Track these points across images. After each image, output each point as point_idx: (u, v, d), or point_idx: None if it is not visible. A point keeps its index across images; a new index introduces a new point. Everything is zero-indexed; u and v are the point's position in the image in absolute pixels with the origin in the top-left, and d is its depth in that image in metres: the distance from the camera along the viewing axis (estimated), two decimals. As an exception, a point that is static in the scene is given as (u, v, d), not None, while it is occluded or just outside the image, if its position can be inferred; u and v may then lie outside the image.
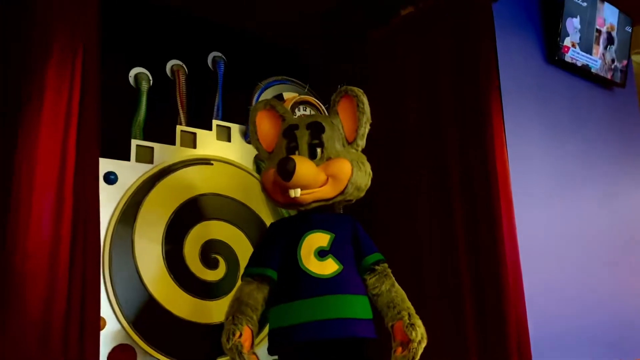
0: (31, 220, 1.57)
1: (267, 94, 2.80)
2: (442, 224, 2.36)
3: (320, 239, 1.84)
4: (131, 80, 2.47)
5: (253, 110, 2.05)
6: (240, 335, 1.68)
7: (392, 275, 1.90)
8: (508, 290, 2.13)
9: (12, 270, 1.54)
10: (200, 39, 2.76)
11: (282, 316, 1.76)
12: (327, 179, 1.86)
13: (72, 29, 1.74)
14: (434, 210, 2.41)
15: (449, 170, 2.39)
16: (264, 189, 1.93)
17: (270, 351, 1.78)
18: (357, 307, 1.81)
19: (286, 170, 1.75)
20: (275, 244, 1.86)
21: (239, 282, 1.85)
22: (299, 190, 1.81)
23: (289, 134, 1.96)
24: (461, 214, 2.32)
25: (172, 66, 2.60)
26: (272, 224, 2.01)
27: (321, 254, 1.81)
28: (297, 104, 2.87)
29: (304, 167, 1.79)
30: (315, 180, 1.84)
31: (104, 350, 1.95)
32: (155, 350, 2.06)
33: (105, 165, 2.12)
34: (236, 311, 1.71)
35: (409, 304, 1.85)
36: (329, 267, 1.80)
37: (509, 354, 2.08)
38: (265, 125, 2.03)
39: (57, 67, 1.69)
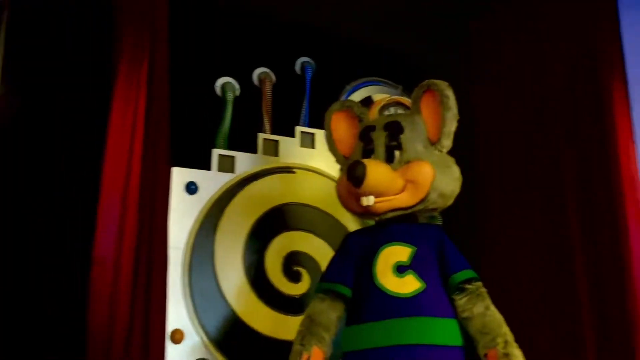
0: (97, 229, 1.59)
1: (355, 97, 2.68)
2: (556, 228, 2.20)
3: (399, 252, 1.67)
4: (217, 90, 2.47)
5: (328, 112, 1.95)
6: (309, 358, 1.58)
7: (487, 295, 1.65)
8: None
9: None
10: (288, 44, 2.72)
11: (355, 339, 1.63)
12: (405, 184, 1.69)
13: (138, 40, 1.76)
14: (545, 215, 2.26)
15: (561, 168, 2.23)
16: (339, 197, 1.80)
17: (343, 377, 1.64)
18: (443, 332, 1.62)
19: (356, 176, 1.61)
20: (350, 258, 1.73)
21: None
22: (372, 198, 1.66)
23: (365, 136, 1.82)
24: (577, 218, 2.14)
25: (260, 74, 2.57)
26: (347, 235, 1.88)
27: (400, 269, 1.64)
28: (387, 106, 2.72)
29: (377, 172, 1.63)
30: (391, 186, 1.67)
31: (183, 364, 1.94)
32: (235, 366, 2.01)
33: (187, 175, 2.12)
34: (306, 331, 1.63)
35: (506, 329, 1.60)
36: (409, 284, 1.63)
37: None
38: (341, 128, 1.93)
39: (125, 78, 1.71)
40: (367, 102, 2.67)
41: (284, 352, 2.08)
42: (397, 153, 1.74)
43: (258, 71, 2.57)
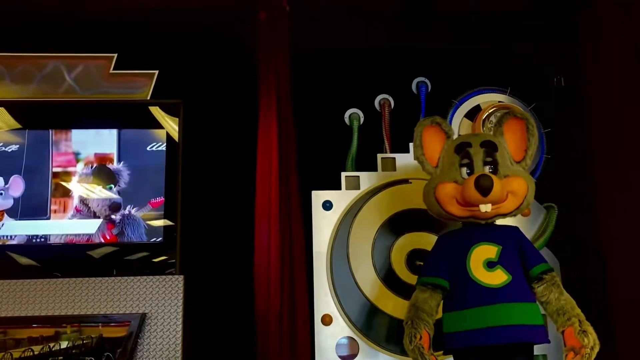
0: (255, 239, 2.27)
1: (465, 108, 2.98)
2: None
3: (488, 251, 2.02)
4: (346, 120, 2.97)
5: (418, 126, 2.22)
6: (420, 337, 1.97)
7: (560, 283, 1.99)
8: None
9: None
10: (402, 68, 3.08)
11: (457, 322, 1.99)
12: (507, 195, 2.03)
13: (268, 87, 2.42)
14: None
15: None
16: (436, 200, 2.09)
17: (446, 352, 2.06)
18: (529, 314, 1.95)
19: (485, 187, 1.93)
20: (445, 255, 2.09)
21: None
22: (489, 205, 2.00)
23: (461, 151, 2.10)
24: None
25: (380, 100, 2.99)
26: (440, 236, 2.22)
27: (490, 265, 2.00)
28: (494, 112, 2.96)
29: (498, 184, 1.97)
30: (502, 196, 2.01)
31: (333, 341, 2.52)
32: (373, 342, 2.53)
33: (323, 196, 2.68)
34: (414, 316, 2.02)
35: (578, 310, 1.92)
36: (498, 277, 1.97)
37: None
38: (429, 140, 2.19)
39: (264, 120, 2.36)
40: (477, 110, 2.99)
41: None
42: (493, 168, 2.06)
43: (379, 98, 3.00)
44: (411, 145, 2.80)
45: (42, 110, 2.89)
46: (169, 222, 2.77)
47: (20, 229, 2.78)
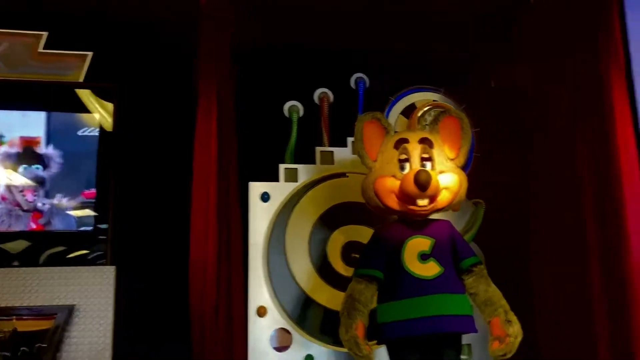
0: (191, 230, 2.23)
1: (401, 106, 3.06)
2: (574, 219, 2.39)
3: (422, 243, 2.10)
4: (286, 112, 2.96)
5: (359, 121, 2.27)
6: (356, 328, 2.02)
7: (487, 276, 2.10)
8: (634, 291, 2.10)
9: None
10: (342, 64, 3.12)
11: (391, 312, 2.06)
12: (442, 190, 2.11)
13: (208, 76, 2.44)
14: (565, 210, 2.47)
15: (579, 166, 2.42)
16: (375, 194, 2.15)
17: (379, 341, 2.13)
18: (459, 305, 2.05)
19: (424, 181, 2.00)
20: (382, 248, 2.15)
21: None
22: (427, 199, 2.08)
23: (400, 146, 2.17)
24: (591, 211, 2.35)
25: (319, 94, 3.00)
26: (376, 230, 2.27)
27: (423, 257, 2.07)
28: (429, 110, 3.06)
29: (435, 180, 2.05)
30: (439, 191, 2.09)
31: (267, 332, 2.52)
32: (307, 333, 2.56)
33: (261, 187, 2.68)
34: (350, 307, 2.07)
35: (504, 302, 2.04)
36: (431, 269, 2.06)
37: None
38: (369, 135, 2.24)
39: (203, 109, 2.38)
40: (412, 108, 3.09)
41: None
42: (428, 164, 2.15)
43: (318, 91, 3.00)
44: (349, 139, 2.86)
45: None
46: (100, 212, 2.66)
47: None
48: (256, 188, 2.66)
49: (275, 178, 2.72)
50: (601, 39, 2.36)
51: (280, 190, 2.70)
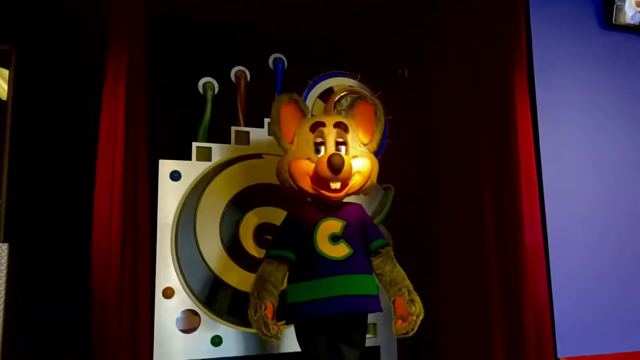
0: (94, 213, 2.12)
1: (318, 89, 3.07)
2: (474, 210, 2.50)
3: (333, 225, 2.13)
4: (200, 89, 2.87)
5: (276, 102, 2.26)
6: (265, 308, 2.02)
7: (394, 257, 2.17)
8: (526, 275, 2.22)
9: None
10: (262, 44, 3.07)
11: (300, 292, 2.09)
12: (354, 174, 2.14)
13: (118, 47, 2.25)
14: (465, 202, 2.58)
15: (481, 159, 2.51)
16: (290, 176, 2.14)
17: (288, 321, 2.14)
18: (366, 285, 2.11)
19: (337, 165, 2.01)
20: (294, 230, 2.17)
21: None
22: (339, 183, 2.09)
23: (316, 130, 2.19)
24: (489, 199, 2.45)
25: (236, 72, 2.94)
26: (289, 212, 2.29)
27: (334, 239, 2.11)
28: (345, 96, 3.11)
29: (349, 163, 2.07)
30: (351, 175, 2.12)
31: (174, 314, 2.47)
32: (215, 315, 2.53)
33: (171, 165, 2.59)
34: (260, 287, 2.07)
35: (408, 282, 2.12)
36: (341, 250, 2.10)
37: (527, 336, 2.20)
38: (286, 117, 2.24)
39: (111, 81, 2.21)
40: (329, 92, 3.11)
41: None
42: (343, 148, 2.18)
43: (235, 69, 2.94)
44: (266, 120, 2.83)
45: None
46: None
47: None
48: (166, 166, 2.57)
49: (188, 157, 2.64)
50: (506, 39, 2.47)
51: (192, 169, 2.63)
